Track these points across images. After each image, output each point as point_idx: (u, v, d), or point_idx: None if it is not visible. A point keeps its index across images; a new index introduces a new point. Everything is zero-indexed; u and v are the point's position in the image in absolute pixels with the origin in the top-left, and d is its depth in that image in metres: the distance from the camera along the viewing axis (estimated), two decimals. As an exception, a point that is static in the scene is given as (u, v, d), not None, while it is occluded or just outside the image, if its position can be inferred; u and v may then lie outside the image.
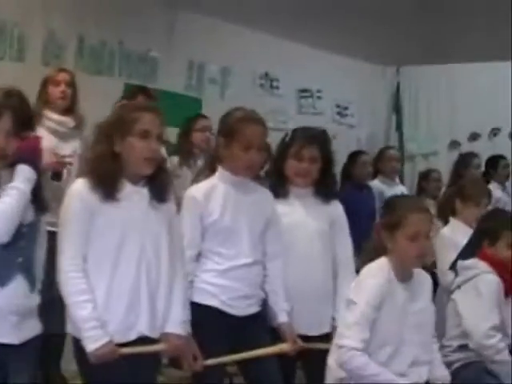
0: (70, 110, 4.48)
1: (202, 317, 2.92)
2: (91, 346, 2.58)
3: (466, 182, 4.73)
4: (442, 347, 3.41)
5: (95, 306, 2.61)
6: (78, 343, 2.64)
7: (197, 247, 3.00)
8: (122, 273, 2.66)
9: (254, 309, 3.05)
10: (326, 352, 2.99)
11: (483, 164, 6.45)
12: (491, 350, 3.34)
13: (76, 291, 2.61)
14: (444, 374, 3.01)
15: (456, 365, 3.43)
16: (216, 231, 3.03)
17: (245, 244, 3.04)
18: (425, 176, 6.36)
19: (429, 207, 3.25)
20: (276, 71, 6.94)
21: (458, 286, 3.54)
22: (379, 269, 2.90)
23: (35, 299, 2.72)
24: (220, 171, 3.11)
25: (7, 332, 2.61)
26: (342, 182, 5.79)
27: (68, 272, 2.62)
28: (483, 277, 3.46)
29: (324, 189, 3.33)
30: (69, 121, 4.43)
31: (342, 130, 7.36)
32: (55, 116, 4.39)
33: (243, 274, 3.02)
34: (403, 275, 2.93)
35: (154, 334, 2.73)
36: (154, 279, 2.72)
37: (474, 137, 7.57)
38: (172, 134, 5.04)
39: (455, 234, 4.19)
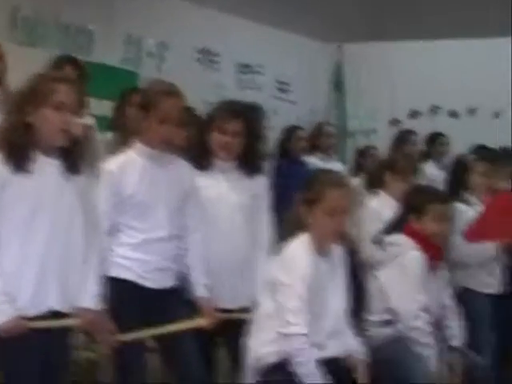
0: (-4, 81, 4.39)
1: (118, 291, 2.91)
2: None
3: (398, 155, 4.73)
4: (366, 322, 3.47)
5: (3, 280, 2.57)
6: None
7: (109, 220, 2.98)
8: (31, 246, 2.62)
9: (169, 282, 3.06)
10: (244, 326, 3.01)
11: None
12: (418, 331, 3.32)
13: None
14: (357, 347, 3.00)
15: (379, 340, 3.42)
16: (131, 205, 3.01)
17: (160, 217, 3.04)
18: (362, 153, 6.41)
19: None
20: (216, 46, 6.93)
21: (383, 263, 3.55)
22: (304, 247, 2.91)
23: None
24: (137, 144, 3.09)
25: None
26: (278, 157, 5.83)
27: None
28: (408, 254, 3.43)
29: (248, 163, 3.34)
30: (-6, 93, 4.34)
31: (282, 106, 7.39)
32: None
33: (158, 248, 3.03)
34: (323, 250, 2.95)
35: (66, 309, 2.69)
36: (66, 253, 2.68)
37: (413, 114, 7.65)
38: (108, 107, 5.00)
39: (382, 206, 4.19)
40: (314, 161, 6.02)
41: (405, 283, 3.37)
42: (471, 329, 4.09)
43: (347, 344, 2.97)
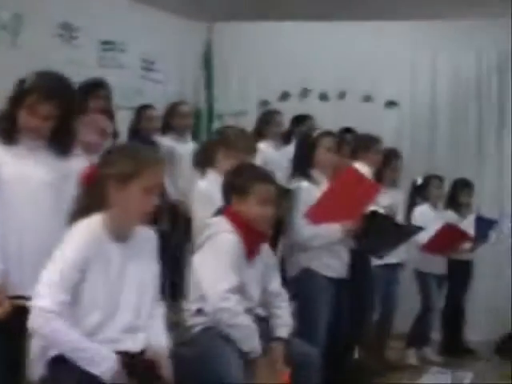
0: None
1: None
2: None
3: (231, 131, 4.50)
4: (183, 310, 3.40)
5: None
6: None
7: None
8: None
9: None
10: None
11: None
12: (227, 312, 3.22)
13: None
14: (161, 342, 2.87)
15: (195, 329, 3.34)
16: None
17: None
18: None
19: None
20: (77, 21, 6.59)
21: (199, 247, 3.42)
22: (88, 226, 2.72)
23: None
24: None
25: None
26: (129, 136, 5.64)
27: None
28: (221, 236, 3.34)
29: (59, 144, 3.19)
30: None
31: (148, 85, 7.19)
32: None
33: None
34: (119, 234, 2.78)
35: None
36: None
37: (284, 97, 7.58)
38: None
39: (213, 186, 3.94)
40: (166, 142, 5.84)
41: (214, 266, 3.25)
42: (307, 310, 4.12)
43: (149, 338, 2.83)
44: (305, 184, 4.26)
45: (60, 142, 3.18)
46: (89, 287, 2.68)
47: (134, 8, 6.92)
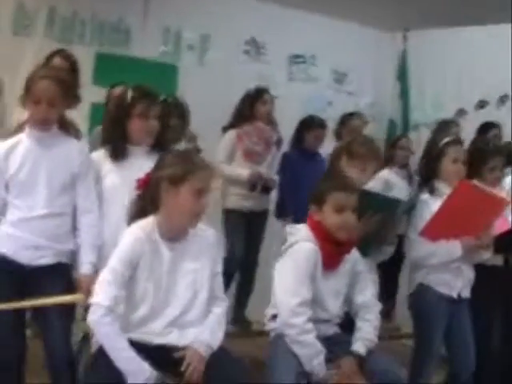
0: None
1: None
2: None
3: (353, 138, 4.43)
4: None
5: None
6: None
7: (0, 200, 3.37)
8: None
9: (47, 260, 3.36)
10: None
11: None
12: (295, 329, 3.26)
13: None
14: (202, 338, 3.03)
15: (271, 335, 3.43)
16: (13, 185, 3.37)
17: (40, 196, 3.35)
18: (393, 144, 6.36)
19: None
20: (264, 37, 7.07)
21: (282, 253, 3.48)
22: (140, 227, 3.05)
23: None
24: (27, 126, 3.41)
25: None
26: (292, 148, 5.89)
27: None
28: (299, 245, 3.37)
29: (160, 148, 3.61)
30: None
31: (340, 97, 7.43)
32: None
33: (37, 226, 3.35)
34: (171, 234, 3.06)
35: None
36: None
37: (481, 105, 7.38)
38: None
39: None
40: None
41: (290, 277, 3.31)
42: (419, 327, 4.04)
43: (193, 335, 3.03)
44: (424, 196, 4.09)
45: (162, 144, 3.63)
46: (139, 283, 3.02)
47: (322, 22, 7.23)
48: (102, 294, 2.94)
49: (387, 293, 5.48)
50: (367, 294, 3.49)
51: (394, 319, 5.90)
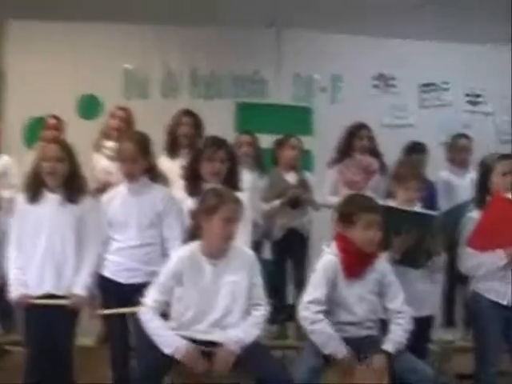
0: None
1: (100, 283, 4.43)
2: (12, 295, 4.30)
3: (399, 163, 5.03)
4: None
5: (19, 272, 4.32)
6: None
7: (103, 234, 4.46)
8: (35, 251, 4.34)
9: (138, 279, 4.31)
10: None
11: None
12: (306, 320, 3.90)
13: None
14: (234, 335, 3.75)
15: None
16: (112, 223, 4.45)
17: (133, 231, 4.39)
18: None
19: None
20: (392, 70, 7.71)
21: None
22: (185, 248, 3.97)
23: None
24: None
25: None
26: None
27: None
28: (323, 257, 4.05)
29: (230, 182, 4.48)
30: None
31: (475, 118, 7.84)
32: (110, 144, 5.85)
33: (130, 253, 4.39)
34: (212, 253, 3.91)
35: (60, 292, 4.30)
36: (60, 256, 4.33)
37: None
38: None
39: None
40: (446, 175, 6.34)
41: (310, 282, 4.03)
42: (475, 334, 4.49)
43: (230, 334, 3.80)
44: (474, 214, 4.47)
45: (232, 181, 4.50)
46: (185, 292, 3.90)
47: (449, 48, 7.71)
48: (148, 297, 3.90)
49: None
50: (398, 301, 4.01)
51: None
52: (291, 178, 5.91)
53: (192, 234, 4.05)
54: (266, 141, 6.30)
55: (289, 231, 5.85)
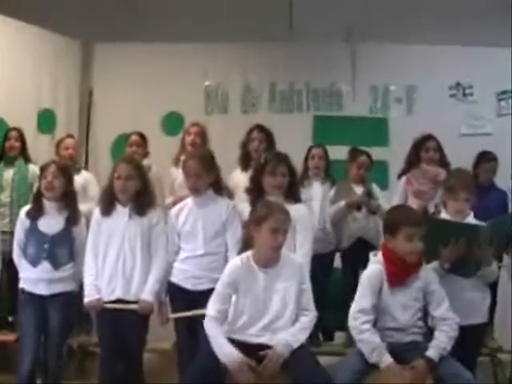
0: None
1: (169, 289, 4.83)
2: (86, 299, 4.74)
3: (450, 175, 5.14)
4: None
5: (94, 278, 4.78)
6: None
7: (173, 244, 4.87)
8: (107, 259, 4.79)
9: (204, 286, 4.66)
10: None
11: None
12: (354, 330, 4.16)
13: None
14: (282, 338, 4.04)
15: None
16: (181, 234, 4.85)
17: (199, 241, 4.78)
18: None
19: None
20: (468, 79, 7.83)
21: None
22: (239, 257, 4.28)
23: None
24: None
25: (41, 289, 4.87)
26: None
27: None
28: (368, 267, 4.32)
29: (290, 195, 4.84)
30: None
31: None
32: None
33: (196, 261, 4.77)
34: (264, 262, 4.21)
35: (129, 298, 4.73)
36: (130, 264, 4.77)
37: None
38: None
39: None
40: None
41: (358, 291, 4.29)
42: None
43: (280, 337, 4.10)
44: None
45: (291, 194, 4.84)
46: (239, 299, 4.24)
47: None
48: (209, 307, 4.23)
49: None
50: (442, 308, 4.22)
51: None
52: (358, 189, 6.15)
53: (245, 244, 4.39)
54: (344, 153, 6.44)
55: (357, 240, 6.09)
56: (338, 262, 6.14)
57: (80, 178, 6.31)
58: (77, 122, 7.93)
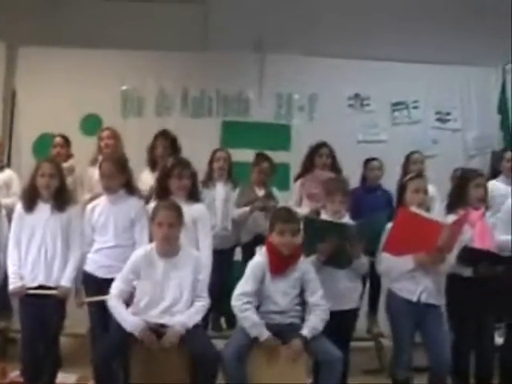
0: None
1: (84, 278, 5.48)
2: (10, 286, 5.34)
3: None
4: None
5: (18, 267, 5.38)
6: None
7: (89, 237, 5.53)
8: (29, 250, 5.40)
9: (114, 274, 5.14)
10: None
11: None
12: (237, 309, 4.94)
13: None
14: (180, 319, 4.78)
15: None
16: (95, 228, 5.52)
17: (110, 234, 5.46)
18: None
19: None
20: (366, 91, 8.74)
21: None
22: (143, 248, 5.09)
23: None
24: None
25: None
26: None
27: None
28: (254, 258, 5.13)
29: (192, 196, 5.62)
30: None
31: (444, 135, 8.79)
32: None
33: (107, 252, 5.44)
34: (162, 252, 4.99)
35: (50, 284, 5.34)
36: (51, 253, 5.38)
37: None
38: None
39: None
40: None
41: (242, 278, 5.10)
42: (392, 330, 5.42)
43: (177, 319, 4.85)
44: (390, 225, 5.17)
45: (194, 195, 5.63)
46: (141, 283, 4.96)
47: (420, 68, 8.68)
48: (113, 287, 4.96)
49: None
50: (316, 296, 5.01)
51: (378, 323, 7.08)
52: (260, 191, 6.88)
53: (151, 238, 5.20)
54: (250, 156, 7.17)
55: (256, 236, 6.70)
56: (238, 255, 6.87)
57: (3, 176, 7.00)
58: (0, 122, 8.52)
